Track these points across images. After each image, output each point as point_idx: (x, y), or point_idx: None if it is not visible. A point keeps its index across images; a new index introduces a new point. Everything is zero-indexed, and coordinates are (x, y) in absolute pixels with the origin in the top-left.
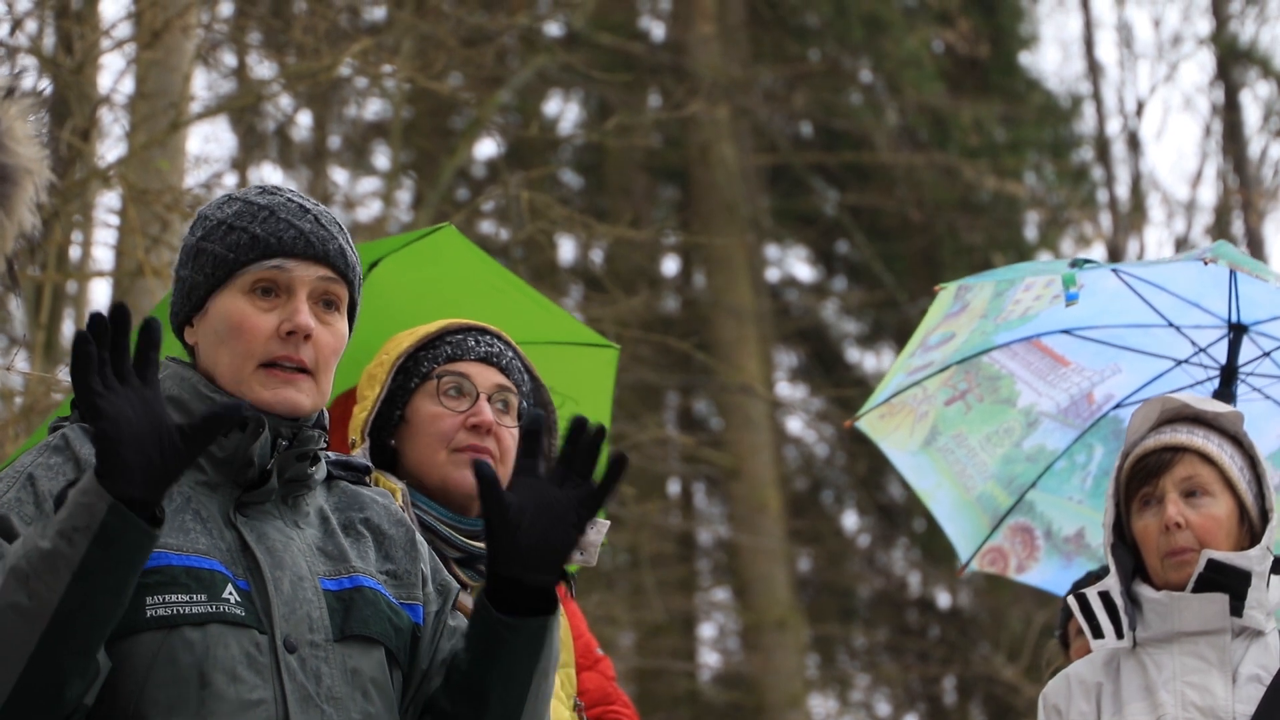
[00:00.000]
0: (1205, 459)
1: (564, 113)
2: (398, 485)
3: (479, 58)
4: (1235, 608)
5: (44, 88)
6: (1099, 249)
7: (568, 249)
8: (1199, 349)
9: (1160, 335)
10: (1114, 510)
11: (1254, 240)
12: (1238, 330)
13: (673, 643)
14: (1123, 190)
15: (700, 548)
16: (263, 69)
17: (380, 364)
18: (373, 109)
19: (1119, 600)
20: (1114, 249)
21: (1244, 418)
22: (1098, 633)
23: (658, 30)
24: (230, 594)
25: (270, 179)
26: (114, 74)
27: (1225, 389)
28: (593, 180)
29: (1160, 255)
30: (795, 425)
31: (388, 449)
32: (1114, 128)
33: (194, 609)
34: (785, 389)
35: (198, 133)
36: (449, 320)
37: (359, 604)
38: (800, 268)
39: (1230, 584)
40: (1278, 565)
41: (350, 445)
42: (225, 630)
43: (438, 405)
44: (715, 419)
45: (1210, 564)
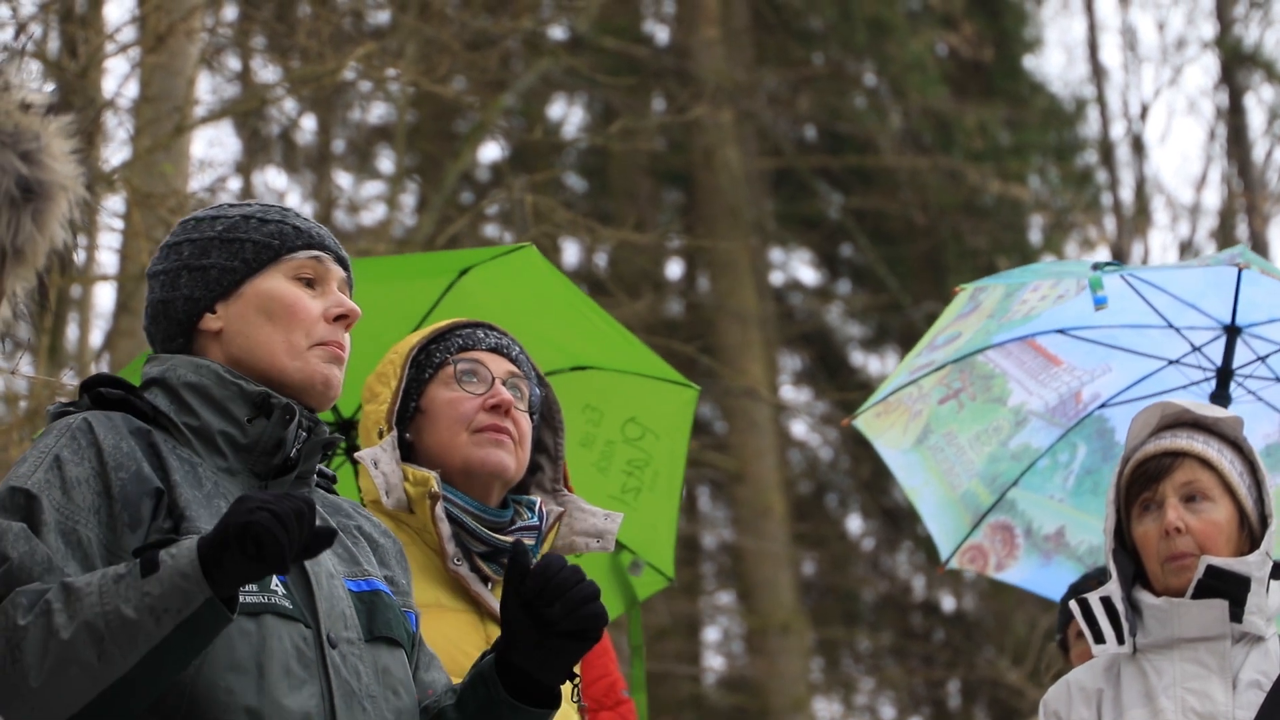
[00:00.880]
0: (1205, 464)
1: (568, 116)
2: (430, 473)
3: (483, 61)
4: (1235, 613)
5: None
6: (1103, 252)
7: (572, 252)
8: (1194, 348)
9: (1154, 335)
10: (1115, 516)
11: (1258, 244)
12: (1232, 332)
13: (677, 646)
14: (1127, 194)
15: (704, 551)
16: (267, 73)
17: (390, 362)
18: (377, 113)
19: (1120, 606)
20: (1118, 252)
21: (1244, 423)
22: (1099, 638)
23: (662, 34)
24: (277, 586)
25: (274, 183)
26: (118, 78)
27: (1221, 391)
28: (597, 184)
29: (1165, 259)
30: (799, 429)
31: (403, 442)
32: (1118, 131)
33: (247, 598)
34: (789, 392)
35: (202, 137)
36: (456, 318)
37: (380, 607)
38: (804, 271)
39: (1230, 590)
40: (1278, 570)
41: (377, 435)
42: (278, 622)
43: (455, 390)
44: (719, 422)
45: (1210, 570)
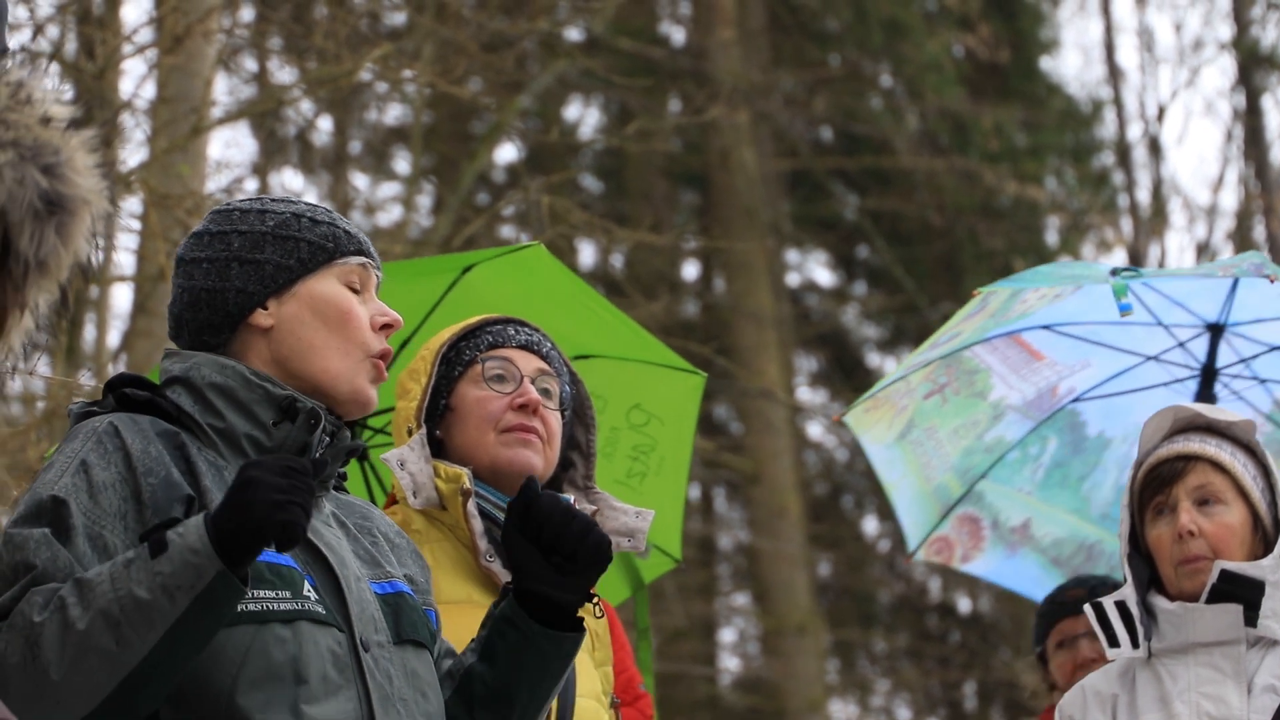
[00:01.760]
0: (1218, 467)
1: (584, 117)
2: (463, 470)
3: (499, 63)
4: (1249, 618)
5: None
6: (1120, 254)
7: (588, 254)
8: (1178, 344)
9: (1137, 332)
10: (1129, 520)
11: (1275, 246)
12: (1215, 331)
13: (693, 647)
14: (1144, 195)
15: (720, 552)
16: (283, 74)
17: (422, 359)
18: (393, 114)
19: (1135, 610)
20: (1135, 254)
21: (1256, 426)
22: (1114, 642)
23: (678, 35)
24: (309, 592)
25: (291, 184)
26: (136, 79)
27: (1206, 390)
28: (613, 185)
29: (1181, 261)
30: (815, 430)
31: (433, 440)
32: (1135, 133)
33: (282, 605)
34: (805, 394)
35: (219, 138)
36: (487, 315)
37: (405, 608)
38: (820, 272)
39: (1244, 594)
40: None
41: (407, 433)
42: (313, 628)
43: (483, 389)
44: (735, 424)
45: (1223, 574)
